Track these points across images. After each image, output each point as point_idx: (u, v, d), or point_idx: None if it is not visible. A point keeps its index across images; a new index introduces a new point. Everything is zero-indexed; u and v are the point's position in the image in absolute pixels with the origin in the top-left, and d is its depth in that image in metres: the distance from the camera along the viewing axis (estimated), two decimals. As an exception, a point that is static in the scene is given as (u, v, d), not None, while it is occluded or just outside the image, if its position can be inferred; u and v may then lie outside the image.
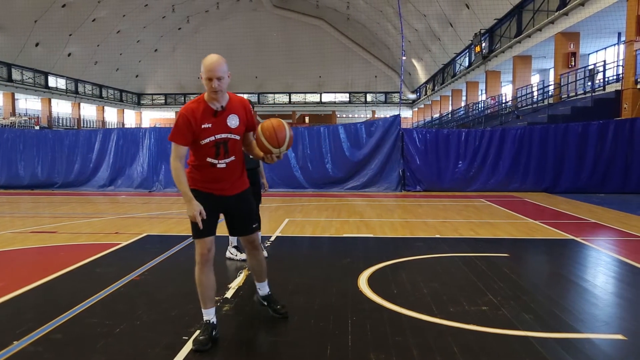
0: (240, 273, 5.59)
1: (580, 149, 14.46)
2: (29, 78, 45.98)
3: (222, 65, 3.55)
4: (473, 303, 4.52)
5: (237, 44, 57.45)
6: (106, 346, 3.63)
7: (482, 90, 37.48)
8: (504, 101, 30.70)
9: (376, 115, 60.50)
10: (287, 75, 61.11)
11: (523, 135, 14.86)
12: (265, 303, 4.27)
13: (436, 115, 47.19)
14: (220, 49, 53.19)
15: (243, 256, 6.22)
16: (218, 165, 3.67)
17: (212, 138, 3.61)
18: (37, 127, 39.00)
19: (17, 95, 45.30)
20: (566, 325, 4.04)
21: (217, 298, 4.66)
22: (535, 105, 24.89)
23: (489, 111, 30.87)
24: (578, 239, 7.51)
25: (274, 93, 63.48)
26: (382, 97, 62.19)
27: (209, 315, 3.76)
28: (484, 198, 13.28)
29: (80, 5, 44.11)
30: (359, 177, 15.46)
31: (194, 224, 3.67)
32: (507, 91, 34.62)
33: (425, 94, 52.95)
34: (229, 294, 4.82)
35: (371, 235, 8.02)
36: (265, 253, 6.28)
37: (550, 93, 24.87)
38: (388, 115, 17.90)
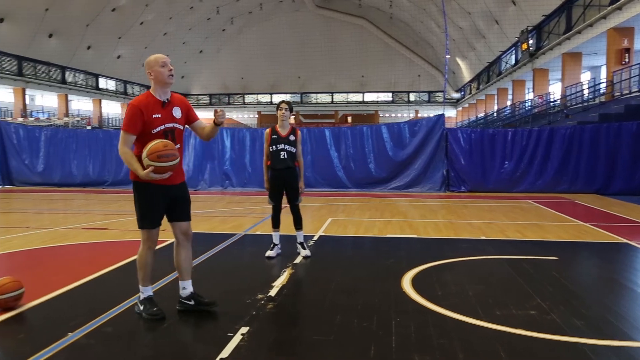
0: (284, 272, 5.63)
1: (634, 148, 13.92)
2: (81, 80, 47.67)
3: None
4: (520, 307, 4.41)
5: (279, 45, 57.92)
6: (154, 341, 3.72)
7: (529, 89, 36.52)
8: (552, 100, 29.84)
9: (419, 115, 59.83)
10: (329, 75, 61.16)
11: (573, 135, 14.42)
12: (192, 302, 4.31)
13: (481, 115, 46.29)
14: (263, 50, 53.75)
15: (307, 252, 6.28)
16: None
17: (162, 127, 3.99)
18: (88, 127, 40.37)
19: (70, 97, 47.03)
20: (621, 332, 3.88)
21: (260, 296, 4.72)
22: (585, 104, 24.09)
23: (536, 110, 30.06)
24: (632, 243, 7.22)
25: (317, 93, 63.66)
26: (425, 97, 61.46)
27: (148, 291, 4.24)
28: (531, 199, 12.95)
29: (129, 9, 45.41)
30: (402, 177, 15.33)
31: (144, 216, 4.13)
32: (555, 89, 33.64)
33: (470, 93, 52.02)
34: (272, 292, 4.86)
35: (415, 236, 7.94)
36: (308, 252, 6.32)
37: (601, 91, 24.01)
38: (431, 115, 17.68)
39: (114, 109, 55.90)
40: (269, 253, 6.34)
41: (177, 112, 4.12)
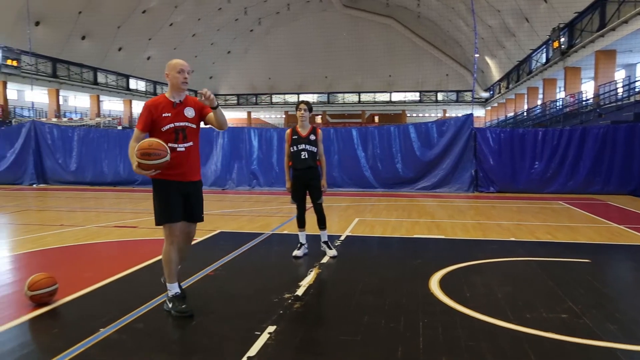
0: (311, 271, 5.64)
1: (671, 149, 13.54)
2: (112, 81, 48.59)
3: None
4: (551, 310, 4.33)
5: (307, 45, 58.02)
6: (183, 338, 3.77)
7: (560, 88, 35.81)
8: (584, 99, 29.20)
9: (447, 115, 59.22)
10: (356, 75, 61.02)
11: (606, 135, 14.09)
12: (171, 305, 4.29)
13: (510, 114, 45.58)
14: (290, 50, 53.87)
15: (333, 252, 6.28)
16: (178, 149, 4.23)
17: (172, 125, 4.26)
18: (119, 127, 41.12)
19: (101, 97, 47.98)
20: (655, 337, 3.78)
21: (287, 295, 4.74)
22: (619, 103, 23.49)
23: (568, 109, 29.45)
24: (668, 246, 7.03)
25: (344, 93, 63.58)
26: (453, 96, 60.80)
27: (175, 288, 4.33)
28: (563, 200, 12.70)
29: (159, 11, 46.10)
30: (429, 177, 15.21)
31: (162, 212, 4.27)
32: (588, 88, 32.90)
33: (499, 92, 51.27)
34: (299, 292, 4.87)
35: (442, 237, 7.86)
36: (334, 252, 6.32)
37: (637, 89, 23.38)
38: (460, 115, 17.50)
39: (143, 110, 56.75)
40: (296, 253, 6.36)
41: (189, 112, 4.36)
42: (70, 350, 3.49)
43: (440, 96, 61.23)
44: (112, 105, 52.67)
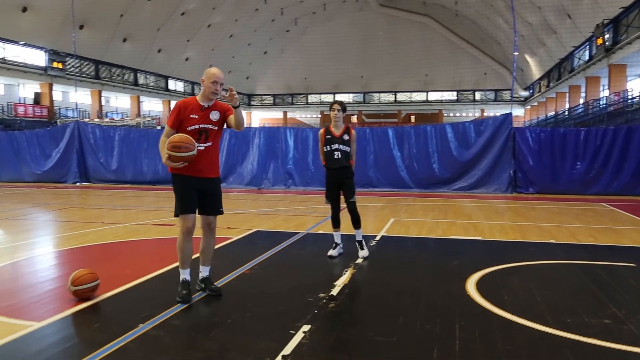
0: (346, 271, 5.63)
1: None
2: (152, 82, 49.65)
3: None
4: (593, 315, 4.21)
5: (343, 44, 58.01)
6: (218, 335, 3.82)
7: (604, 86, 34.75)
8: (630, 97, 28.25)
9: (485, 114, 58.23)
10: (392, 74, 60.63)
11: (653, 134, 13.60)
12: (203, 285, 4.82)
13: (551, 113, 44.50)
14: (326, 50, 53.90)
15: (365, 253, 6.26)
16: (198, 148, 4.52)
17: (197, 126, 4.62)
18: (158, 127, 41.96)
19: (141, 98, 49.10)
20: None
21: (322, 295, 4.75)
22: (667, 101, 22.64)
23: (612, 108, 28.55)
24: None
25: (380, 92, 63.27)
26: (491, 95, 59.75)
27: (185, 274, 4.72)
28: (606, 202, 12.32)
29: (198, 13, 46.84)
30: (467, 178, 14.99)
31: (178, 203, 4.67)
32: (634, 86, 31.82)
33: (539, 90, 50.09)
34: (334, 292, 4.87)
35: (480, 238, 7.74)
36: (366, 252, 6.27)
37: (685, 87, 22.47)
38: (498, 114, 17.18)
39: (182, 110, 57.75)
40: (331, 252, 6.36)
41: (214, 116, 4.72)
42: (110, 345, 3.59)
43: (478, 95, 60.28)
44: (152, 105, 53.84)
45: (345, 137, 6.27)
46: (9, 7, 34.11)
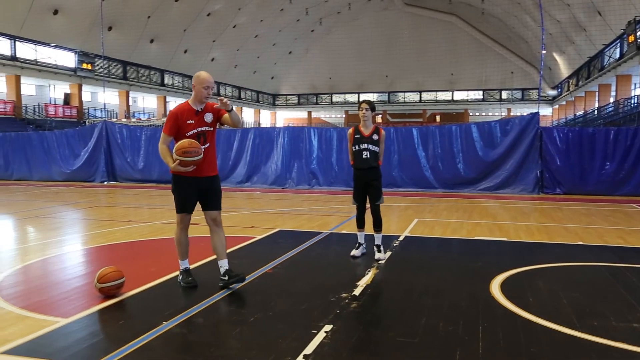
0: (369, 271, 5.62)
1: None
2: (178, 82, 50.24)
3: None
4: (622, 318, 4.12)
5: (367, 44, 57.83)
6: (241, 333, 3.84)
7: (635, 84, 33.95)
8: (662, 96, 27.52)
9: (512, 114, 57.41)
10: (417, 74, 60.22)
11: (686, 134, 13.23)
12: (226, 278, 4.93)
13: (580, 113, 43.66)
14: (351, 49, 53.78)
15: (381, 256, 6.22)
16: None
17: (195, 130, 4.86)
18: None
19: (168, 98, 49.71)
20: None
21: (345, 295, 4.74)
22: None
23: (643, 107, 27.87)
24: None
25: (404, 92, 62.91)
26: (518, 94, 58.89)
27: (185, 264, 5.13)
28: (636, 203, 12.04)
29: (223, 13, 47.25)
30: (492, 178, 14.79)
31: (179, 203, 5.08)
32: (666, 85, 31.01)
33: (568, 89, 49.17)
34: (357, 292, 4.87)
35: (505, 239, 7.64)
36: (382, 255, 6.20)
37: None
38: (525, 113, 16.92)
39: (207, 110, 58.31)
40: (354, 252, 6.35)
41: (208, 117, 4.95)
42: (135, 342, 3.64)
43: (504, 94, 59.49)
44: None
45: (375, 137, 6.20)
46: (40, 10, 34.91)
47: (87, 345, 3.63)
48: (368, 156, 6.16)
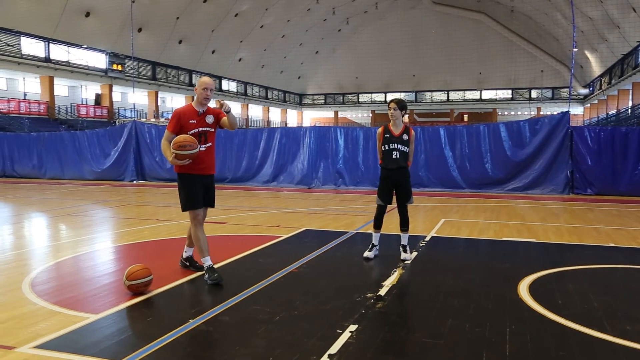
0: (394, 272, 5.59)
1: None
2: (206, 82, 50.75)
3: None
4: (655, 322, 4.01)
5: (394, 43, 57.56)
6: (266, 332, 3.86)
7: (671, 83, 32.99)
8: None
9: (542, 113, 56.43)
10: (445, 73, 59.68)
11: None
12: (187, 263, 5.66)
13: (612, 112, 42.66)
14: (378, 49, 53.58)
15: (407, 256, 6.18)
16: (200, 149, 5.12)
17: (196, 130, 5.23)
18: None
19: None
20: None
21: (370, 295, 4.73)
22: None
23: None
24: None
25: (432, 91, 62.41)
26: (548, 93, 57.87)
27: (208, 261, 5.23)
28: (671, 204, 11.71)
29: (251, 14, 47.60)
30: (521, 178, 14.56)
31: (188, 200, 5.25)
32: (703, 83, 30.06)
33: (600, 88, 48.09)
34: (382, 292, 4.85)
35: (534, 240, 7.51)
36: (408, 256, 6.15)
37: None
38: (555, 113, 16.60)
39: (234, 110, 58.78)
40: (367, 254, 6.26)
41: (209, 119, 5.34)
42: (162, 338, 3.70)
43: (534, 93, 58.55)
44: (205, 105, 55.02)
45: (405, 136, 6.12)
46: (73, 12, 35.71)
47: (116, 341, 3.70)
48: (398, 156, 6.08)
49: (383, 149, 6.17)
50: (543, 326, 3.97)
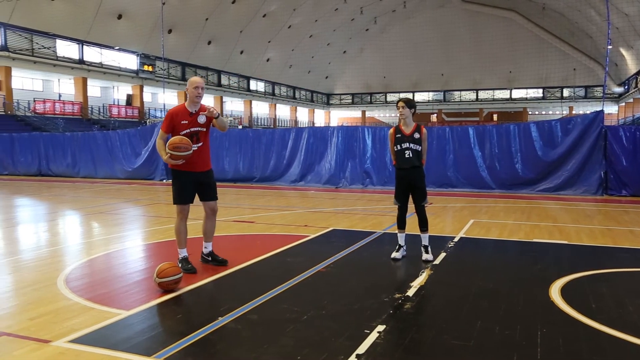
0: (423, 272, 5.55)
1: None
2: (234, 82, 51.28)
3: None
4: (693, 328, 3.89)
5: (422, 42, 57.11)
6: (294, 331, 3.88)
7: None
8: None
9: (574, 112, 55.30)
10: (474, 72, 58.97)
11: None
12: (210, 258, 5.89)
13: (649, 111, 41.51)
14: (406, 48, 53.25)
15: (429, 257, 6.13)
16: (192, 148, 5.34)
17: (188, 130, 5.46)
18: (240, 127, 43.25)
19: (224, 98, 50.79)
20: None
21: (398, 295, 4.71)
22: None
23: None
24: None
25: (460, 90, 61.74)
26: (581, 92, 56.66)
27: (184, 252, 5.66)
28: None
29: (279, 14, 47.84)
30: (552, 179, 14.28)
31: (178, 195, 5.60)
32: None
33: (636, 86, 46.85)
34: (410, 292, 4.82)
35: (565, 242, 7.36)
36: (430, 256, 6.09)
37: None
38: (588, 112, 16.23)
39: (263, 110, 59.23)
40: (395, 255, 6.23)
41: (201, 119, 5.54)
42: (191, 336, 3.75)
43: (566, 92, 57.42)
44: (234, 105, 55.57)
45: (416, 135, 6.11)
46: (106, 15, 36.46)
47: (147, 337, 3.76)
48: (410, 155, 6.08)
49: (395, 149, 6.17)
50: (576, 330, 3.89)
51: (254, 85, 54.65)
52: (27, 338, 3.74)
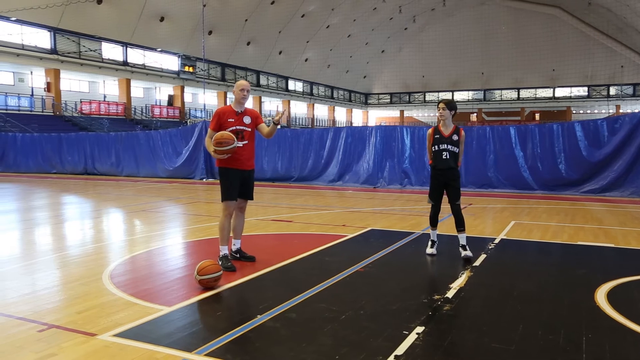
0: (462, 274, 5.47)
1: None
2: (273, 83, 51.70)
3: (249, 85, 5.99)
4: None
5: (462, 40, 56.30)
6: (333, 330, 3.88)
7: None
8: None
9: (621, 111, 53.48)
10: (515, 70, 57.74)
11: None
12: (238, 255, 6.01)
13: (702, 109, 39.75)
14: (445, 47, 52.80)
15: (469, 253, 6.06)
16: (237, 145, 5.57)
17: (234, 128, 5.73)
18: (278, 127, 43.55)
19: (262, 98, 51.28)
20: None
21: (437, 296, 4.65)
22: None
23: None
24: None
25: (501, 89, 60.55)
26: (629, 90, 54.74)
27: (225, 250, 5.75)
28: None
29: (317, 14, 47.98)
30: (597, 180, 13.84)
31: (226, 192, 5.75)
32: None
33: (688, 84, 44.98)
34: (450, 294, 4.76)
35: (612, 245, 7.13)
36: (470, 253, 6.02)
37: None
38: (637, 110, 15.65)
39: (301, 109, 59.50)
40: (430, 250, 6.33)
41: (246, 119, 5.86)
42: (231, 333, 3.80)
43: (612, 90, 55.59)
44: (272, 105, 56.01)
45: (455, 137, 6.15)
46: (149, 18, 37.33)
47: (188, 334, 3.84)
48: (448, 157, 6.11)
49: (433, 150, 6.22)
50: (623, 336, 3.77)
51: (292, 85, 55.01)
52: (74, 331, 3.87)
